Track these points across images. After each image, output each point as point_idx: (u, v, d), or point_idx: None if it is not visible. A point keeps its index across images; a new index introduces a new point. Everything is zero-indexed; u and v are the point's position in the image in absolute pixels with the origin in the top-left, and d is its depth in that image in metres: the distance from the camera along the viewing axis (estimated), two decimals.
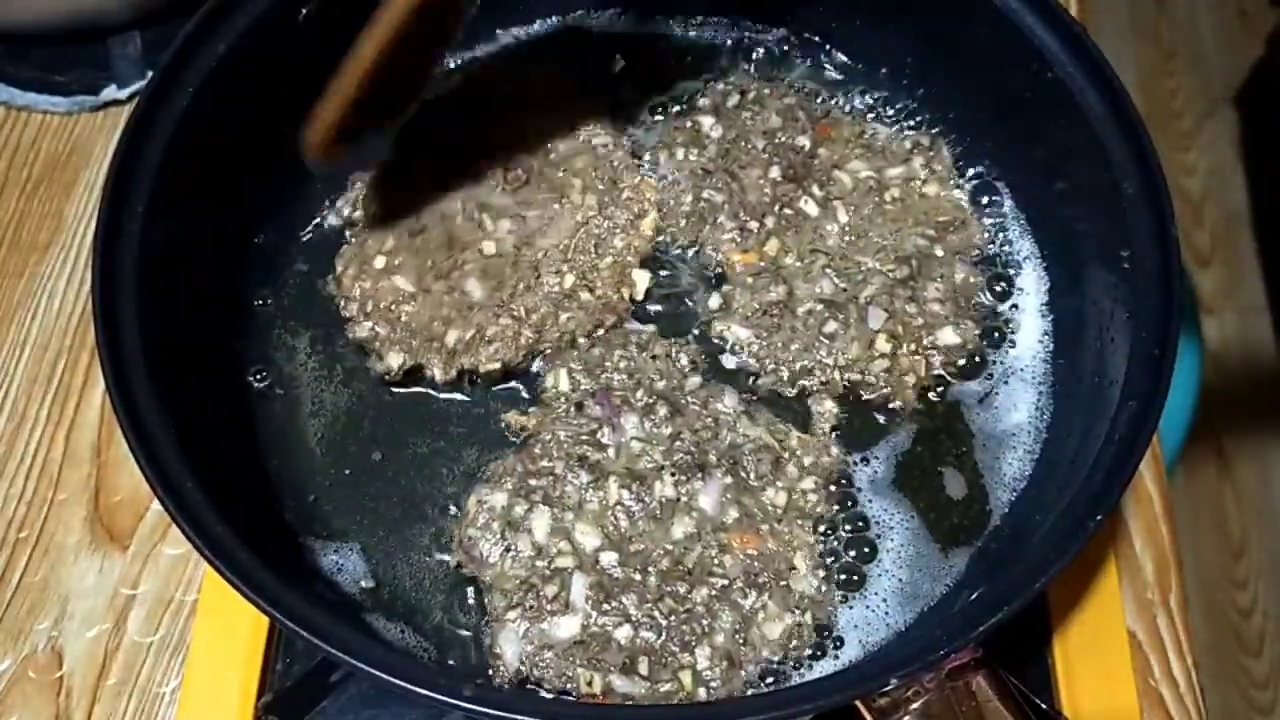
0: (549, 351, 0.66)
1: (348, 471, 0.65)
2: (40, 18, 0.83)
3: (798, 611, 0.59)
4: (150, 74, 0.64)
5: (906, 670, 0.49)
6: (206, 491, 0.52)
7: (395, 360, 0.65)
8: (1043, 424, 0.66)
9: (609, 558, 0.59)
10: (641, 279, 0.68)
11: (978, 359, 0.68)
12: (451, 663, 0.60)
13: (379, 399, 0.67)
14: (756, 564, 0.59)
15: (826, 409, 0.65)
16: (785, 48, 0.78)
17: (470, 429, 0.66)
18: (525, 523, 0.60)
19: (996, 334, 0.69)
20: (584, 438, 0.62)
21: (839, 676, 0.53)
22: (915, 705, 0.52)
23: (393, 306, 0.66)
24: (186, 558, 0.70)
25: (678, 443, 0.62)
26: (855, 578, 0.62)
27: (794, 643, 0.58)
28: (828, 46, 0.77)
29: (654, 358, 0.65)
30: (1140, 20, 2.14)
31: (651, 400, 0.63)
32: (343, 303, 0.67)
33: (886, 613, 0.61)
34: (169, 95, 0.61)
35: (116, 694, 0.66)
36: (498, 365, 0.65)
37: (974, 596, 0.58)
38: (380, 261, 0.67)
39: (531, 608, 0.57)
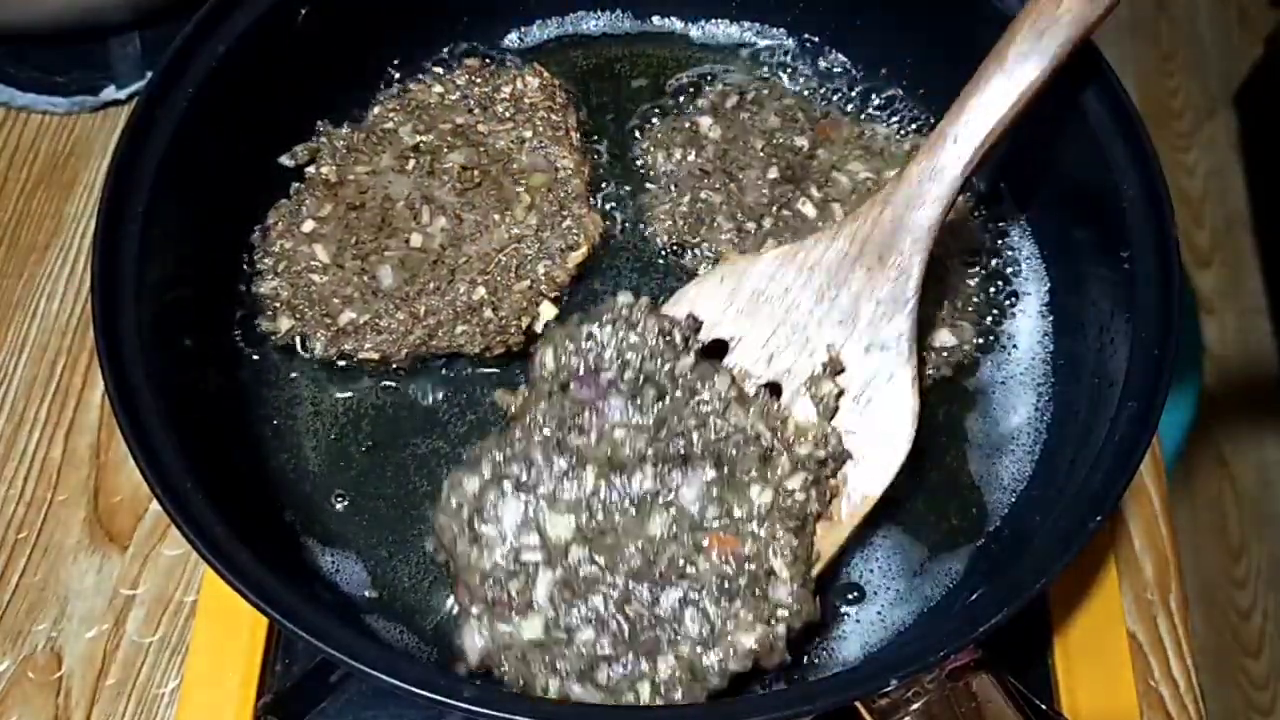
0: (436, 357, 0.66)
1: (347, 472, 0.65)
2: (40, 18, 0.83)
3: (773, 622, 0.55)
4: (150, 74, 0.64)
5: (907, 671, 0.49)
6: (206, 492, 0.52)
7: (285, 324, 0.66)
8: (1042, 425, 0.66)
9: (578, 553, 0.56)
10: (547, 312, 0.67)
11: (976, 360, 0.68)
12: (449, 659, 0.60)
13: (378, 399, 0.67)
14: (733, 567, 0.56)
15: (826, 391, 0.62)
16: (785, 48, 0.78)
17: (470, 429, 0.66)
18: (495, 510, 0.57)
19: (995, 335, 0.69)
20: (566, 421, 0.59)
21: (839, 677, 0.53)
22: (915, 706, 0.52)
23: (302, 272, 0.66)
24: (186, 558, 0.70)
25: (663, 430, 0.58)
26: (854, 579, 0.62)
27: (765, 655, 0.54)
28: (827, 47, 0.77)
29: (646, 335, 0.61)
30: (1140, 20, 2.14)
31: (640, 382, 0.60)
32: (260, 254, 0.67)
33: (886, 613, 0.61)
34: (169, 95, 0.61)
35: (116, 694, 0.66)
36: (376, 356, 0.65)
37: (974, 597, 0.58)
38: (309, 225, 0.68)
39: (495, 602, 0.55)
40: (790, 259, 0.62)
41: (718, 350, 0.63)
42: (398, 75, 0.75)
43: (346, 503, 0.64)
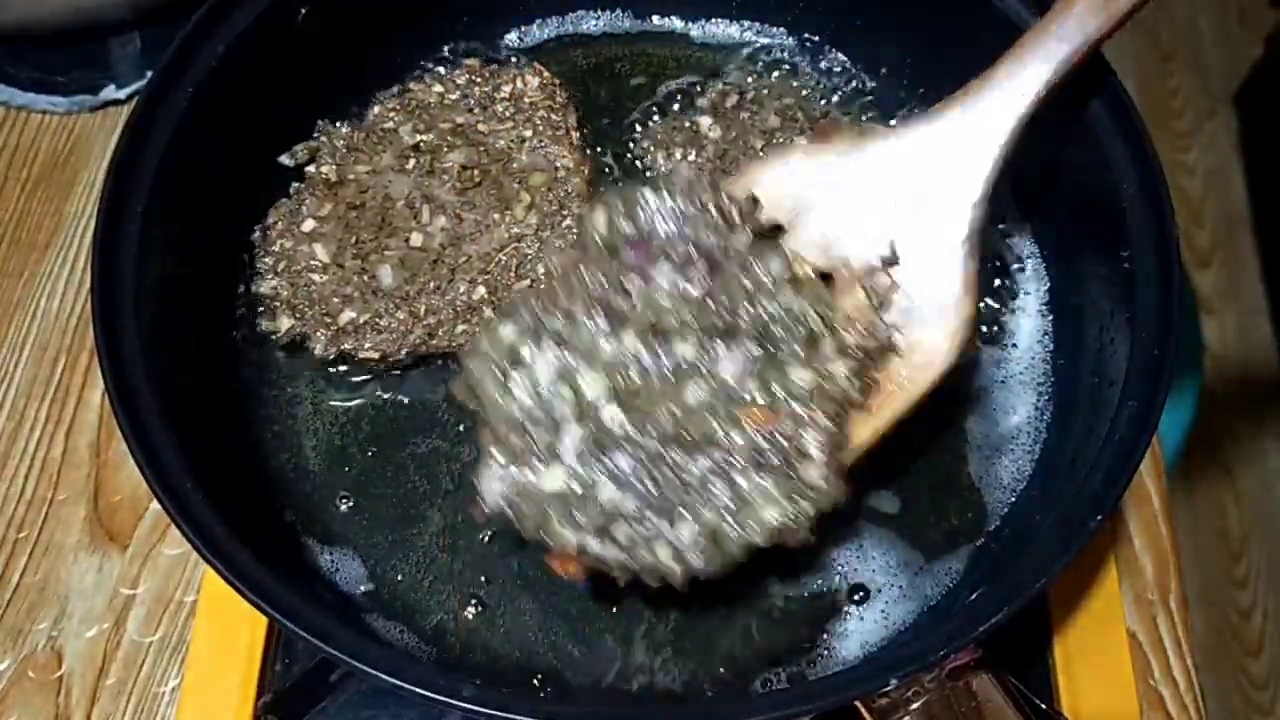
0: (432, 352, 0.66)
1: (347, 472, 0.65)
2: (40, 18, 0.83)
3: (799, 500, 0.54)
4: (150, 74, 0.64)
5: (906, 670, 0.49)
6: (206, 492, 0.52)
7: (285, 324, 0.66)
8: (1042, 424, 0.66)
9: (610, 412, 0.54)
10: None
11: (976, 359, 0.68)
12: (448, 659, 0.60)
13: (379, 399, 0.67)
14: (766, 442, 0.54)
15: (881, 283, 0.60)
16: (785, 48, 0.78)
17: (470, 428, 0.66)
18: (529, 360, 0.56)
19: (995, 334, 0.69)
20: (612, 283, 0.57)
21: (839, 676, 0.53)
22: (915, 705, 0.52)
23: (302, 272, 0.67)
24: (186, 558, 0.70)
25: (710, 303, 0.57)
26: (855, 578, 0.62)
27: (790, 533, 0.54)
28: (828, 46, 0.77)
29: (704, 208, 0.59)
30: (1140, 20, 2.14)
31: (692, 253, 0.58)
32: (260, 254, 0.68)
33: (886, 613, 0.61)
34: (169, 95, 0.61)
35: (116, 694, 0.66)
36: (375, 356, 0.65)
37: (974, 596, 0.58)
38: (309, 225, 0.68)
39: (518, 450, 0.54)
40: (858, 150, 0.60)
41: (775, 234, 0.61)
42: (398, 75, 0.75)
43: (347, 502, 0.64)
